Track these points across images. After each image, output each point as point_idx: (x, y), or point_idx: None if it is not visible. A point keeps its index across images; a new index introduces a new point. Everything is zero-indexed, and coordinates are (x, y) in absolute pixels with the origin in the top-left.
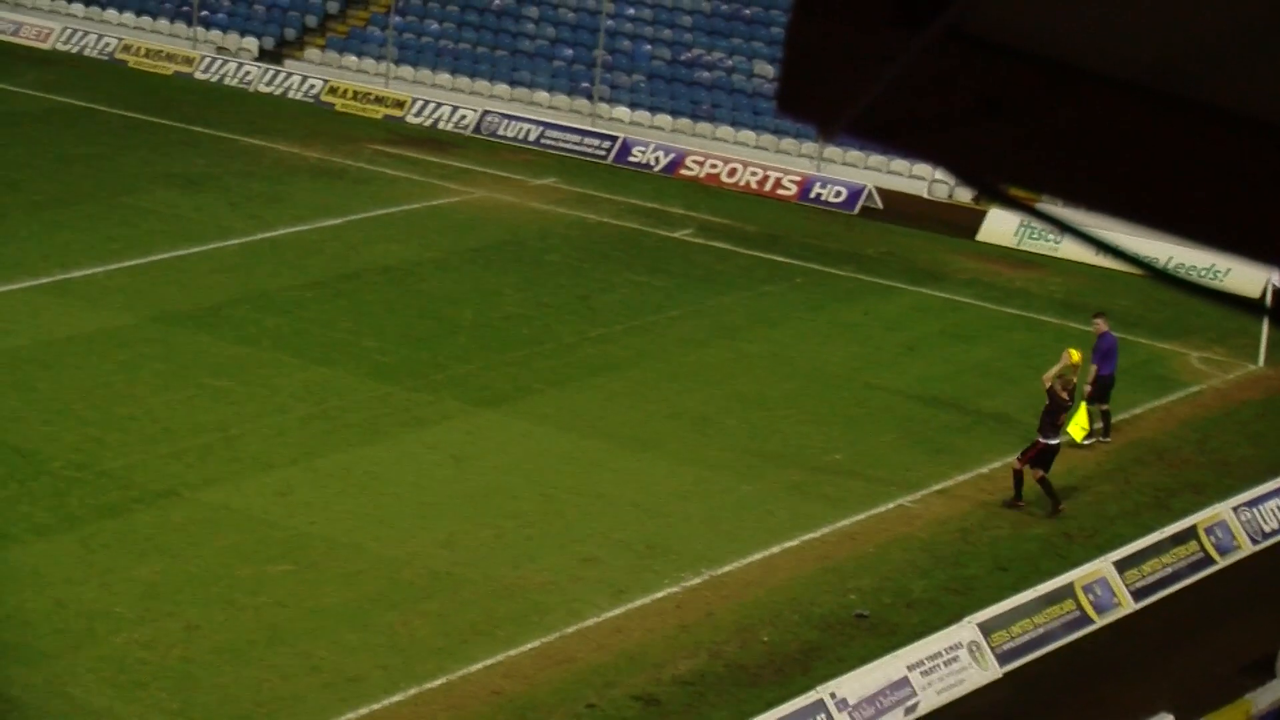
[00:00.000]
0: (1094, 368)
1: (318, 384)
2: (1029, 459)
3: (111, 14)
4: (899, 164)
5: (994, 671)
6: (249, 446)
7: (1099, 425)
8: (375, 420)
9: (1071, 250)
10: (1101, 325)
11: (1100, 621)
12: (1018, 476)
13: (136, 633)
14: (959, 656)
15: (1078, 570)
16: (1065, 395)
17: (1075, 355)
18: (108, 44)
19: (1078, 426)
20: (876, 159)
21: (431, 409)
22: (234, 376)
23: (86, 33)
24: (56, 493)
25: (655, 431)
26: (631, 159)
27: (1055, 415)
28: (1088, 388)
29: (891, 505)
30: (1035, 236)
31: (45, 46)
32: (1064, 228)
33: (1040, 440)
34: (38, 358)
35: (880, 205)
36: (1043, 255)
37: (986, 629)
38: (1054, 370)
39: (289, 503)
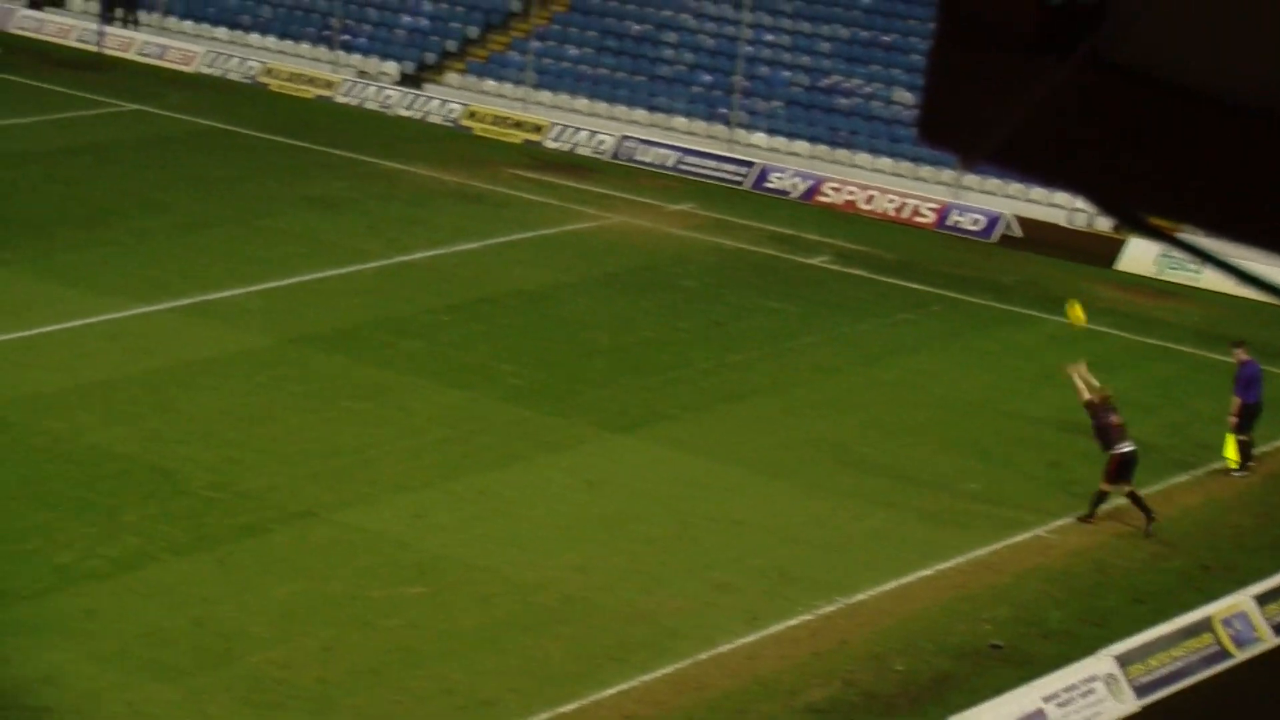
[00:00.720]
0: (1236, 399)
1: (454, 407)
2: (1111, 477)
3: (254, 38)
4: (1038, 192)
5: (1130, 704)
6: (385, 469)
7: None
8: (510, 444)
9: (1212, 280)
10: (1242, 354)
11: (1240, 656)
12: (1133, 500)
13: (273, 652)
14: (1095, 689)
15: (1217, 604)
16: (1095, 397)
17: (1076, 311)
18: (250, 67)
19: (1229, 453)
20: (1015, 187)
21: (567, 433)
22: (371, 399)
23: (229, 56)
24: (195, 513)
25: (789, 458)
26: (769, 185)
27: (1102, 424)
28: (1233, 419)
29: (1027, 535)
30: (1176, 266)
31: (189, 70)
32: (1206, 257)
33: (1110, 453)
34: (178, 379)
35: (1019, 233)
36: (1183, 285)
37: (1123, 661)
38: (1078, 386)
39: (424, 525)
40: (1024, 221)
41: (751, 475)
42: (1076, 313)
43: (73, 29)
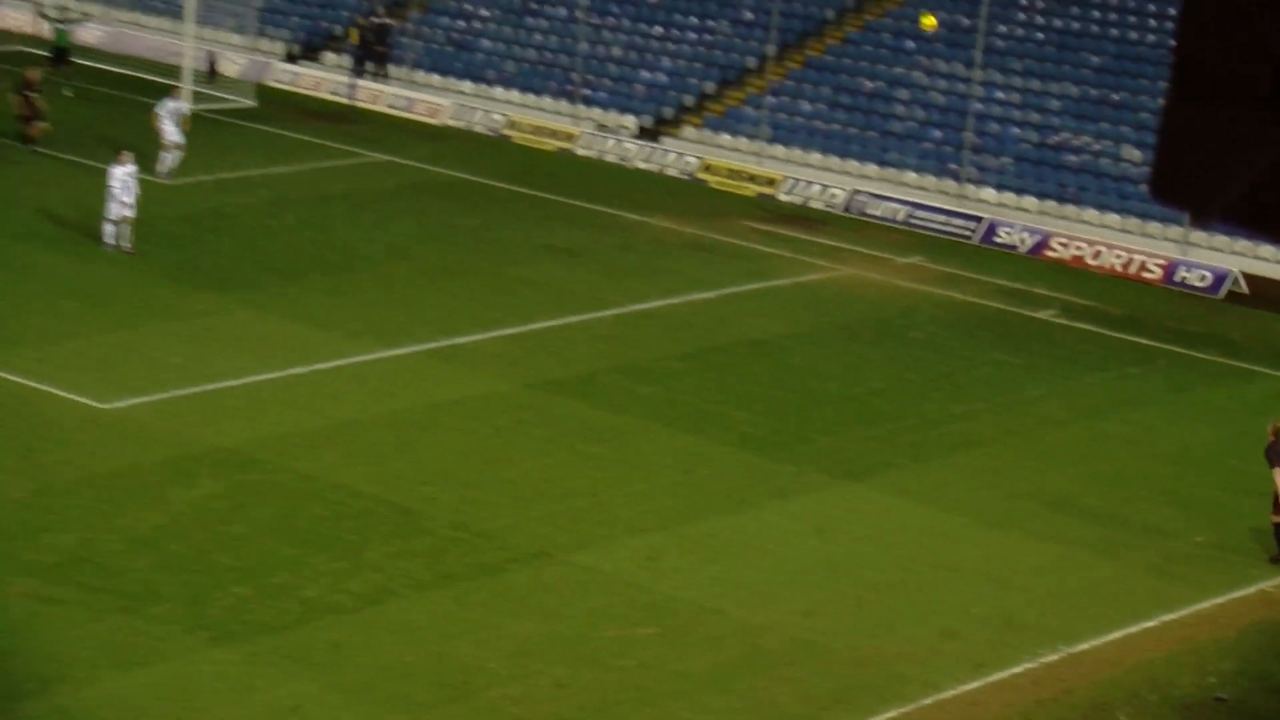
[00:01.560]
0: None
1: (686, 452)
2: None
3: (499, 91)
4: (1267, 249)
5: None
6: (619, 511)
7: None
8: (741, 489)
9: None
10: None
11: None
12: (1277, 530)
13: (509, 688)
14: None
15: None
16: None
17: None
18: (494, 120)
19: None
20: (1243, 244)
21: (796, 480)
22: (606, 443)
23: (475, 109)
24: (435, 551)
25: (1014, 508)
26: (997, 239)
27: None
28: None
29: (1253, 589)
30: None
31: (436, 122)
32: None
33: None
34: (421, 420)
35: (1246, 290)
36: None
37: None
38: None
39: (656, 567)
40: (1251, 278)
41: (976, 524)
42: (928, 21)
43: (326, 82)
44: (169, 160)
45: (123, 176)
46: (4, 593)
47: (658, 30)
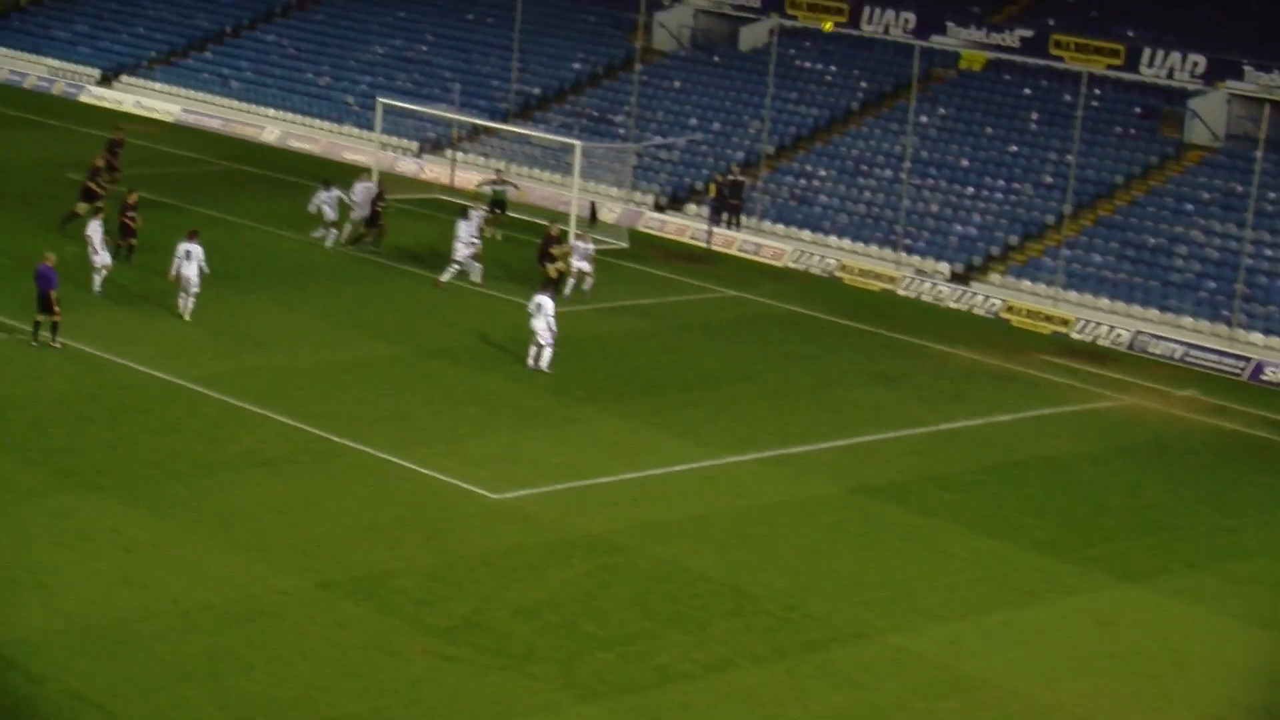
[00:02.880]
0: None
1: (985, 552)
2: None
3: (832, 239)
4: None
5: None
6: (927, 600)
7: None
8: (1033, 586)
9: None
10: None
11: None
12: None
13: None
14: None
15: None
16: None
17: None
18: (828, 263)
19: None
20: None
21: (1081, 579)
22: (916, 541)
23: (812, 254)
24: (770, 629)
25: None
26: (1264, 377)
27: None
28: None
29: None
30: None
31: (779, 264)
32: None
33: None
34: (760, 517)
35: None
36: None
37: None
38: None
39: (958, 650)
40: None
41: (1243, 625)
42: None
43: (688, 228)
44: (581, 285)
45: (537, 306)
46: (413, 650)
47: (970, 190)
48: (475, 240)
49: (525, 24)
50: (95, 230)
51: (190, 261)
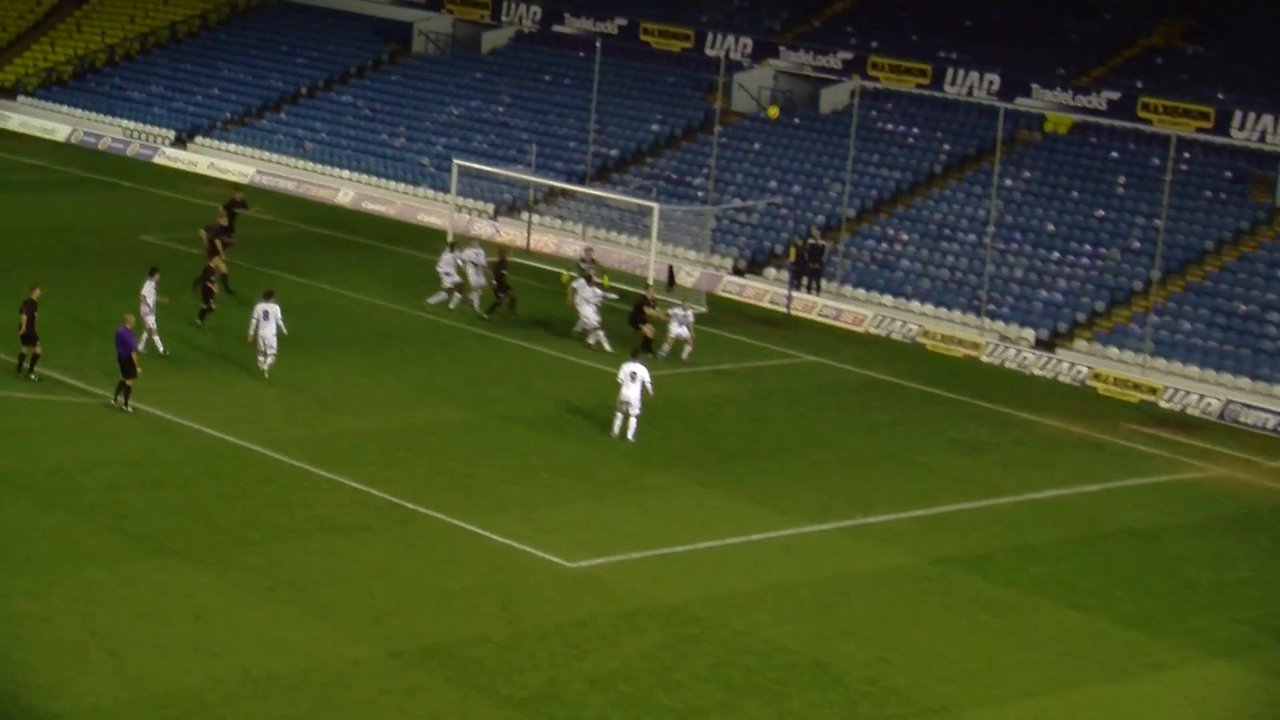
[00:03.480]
0: None
1: (1072, 627)
2: None
3: (914, 304)
4: None
5: None
6: (1011, 675)
7: None
8: (1120, 661)
9: None
10: None
11: None
12: None
13: None
14: None
15: None
16: None
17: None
18: (910, 329)
19: None
20: None
21: (1170, 654)
22: (1000, 614)
23: (893, 319)
24: (849, 701)
25: None
26: None
27: None
28: None
29: None
30: None
31: (860, 330)
32: None
33: None
34: (838, 587)
35: None
36: None
37: None
38: None
39: None
40: None
41: None
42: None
43: (767, 293)
44: (680, 352)
45: (631, 374)
46: None
47: (1055, 255)
48: (596, 302)
49: (603, 85)
50: (150, 291)
51: (268, 322)
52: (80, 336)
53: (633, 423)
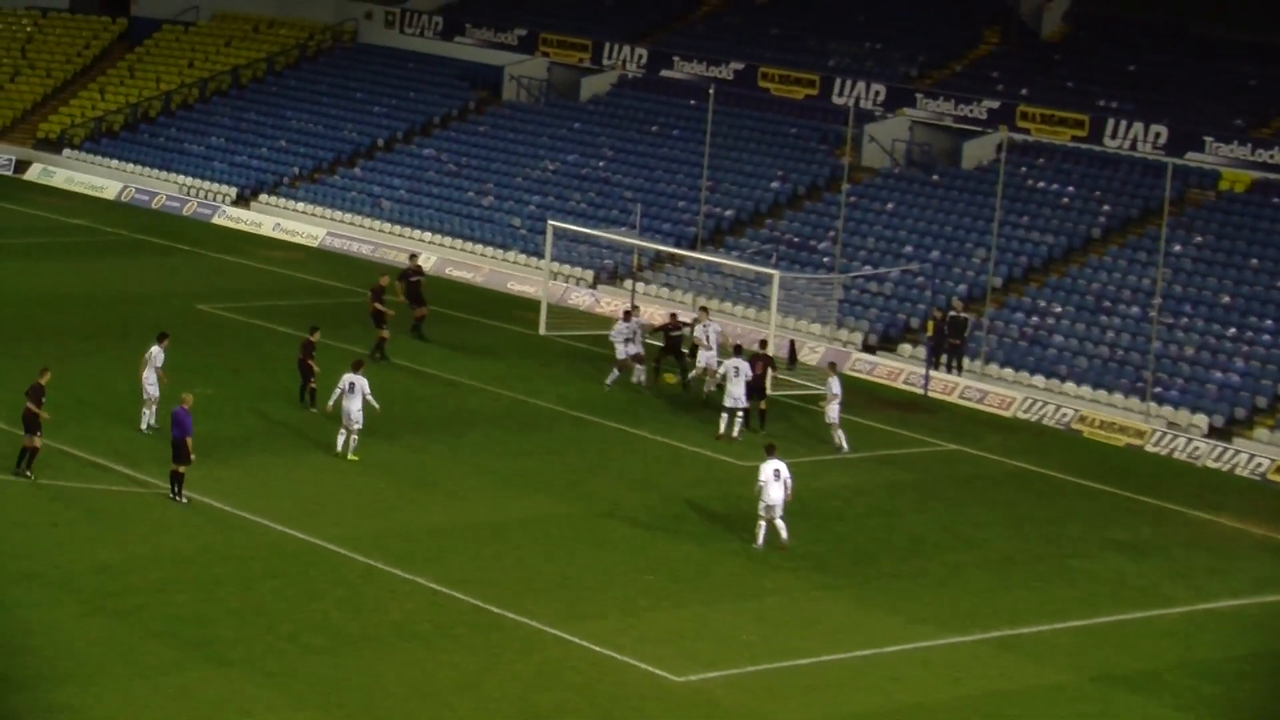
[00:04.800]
0: None
1: None
2: None
3: (1069, 386)
4: None
5: None
6: None
7: None
8: None
9: None
10: None
11: None
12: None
13: None
14: None
15: None
16: None
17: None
18: (1064, 414)
19: None
20: None
21: None
22: None
23: (1045, 403)
24: None
25: None
26: None
27: None
28: None
29: None
30: None
31: (1006, 414)
32: None
33: None
34: (984, 709)
35: None
36: None
37: None
38: None
39: None
40: None
41: None
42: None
43: (901, 372)
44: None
45: (774, 472)
46: None
47: (1231, 331)
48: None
49: (717, 137)
50: (158, 357)
51: (354, 394)
52: (128, 417)
53: (781, 526)
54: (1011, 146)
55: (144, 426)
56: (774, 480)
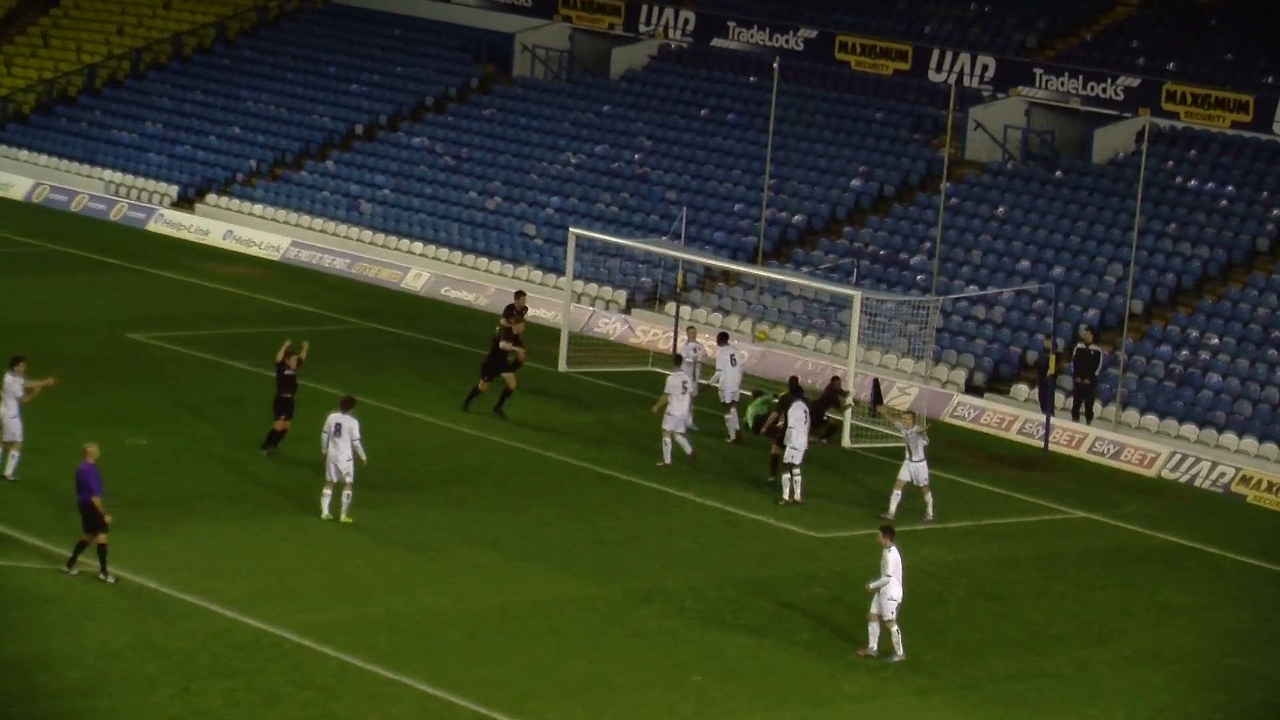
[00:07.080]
0: None
1: None
2: None
3: (1229, 439)
4: None
5: None
6: None
7: None
8: None
9: None
10: None
11: None
12: None
13: None
14: None
15: None
16: None
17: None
18: (1222, 474)
19: None
20: None
21: None
22: None
23: (1198, 459)
24: None
25: None
26: None
27: None
28: None
29: None
30: None
31: (1149, 473)
32: None
33: None
34: None
35: None
36: None
37: None
38: None
39: None
40: None
41: None
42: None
43: (1015, 420)
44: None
45: (896, 564)
46: None
47: None
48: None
49: (783, 124)
50: (15, 386)
51: (341, 438)
52: (41, 476)
53: (895, 631)
54: (1155, 135)
55: (8, 473)
56: (884, 571)
